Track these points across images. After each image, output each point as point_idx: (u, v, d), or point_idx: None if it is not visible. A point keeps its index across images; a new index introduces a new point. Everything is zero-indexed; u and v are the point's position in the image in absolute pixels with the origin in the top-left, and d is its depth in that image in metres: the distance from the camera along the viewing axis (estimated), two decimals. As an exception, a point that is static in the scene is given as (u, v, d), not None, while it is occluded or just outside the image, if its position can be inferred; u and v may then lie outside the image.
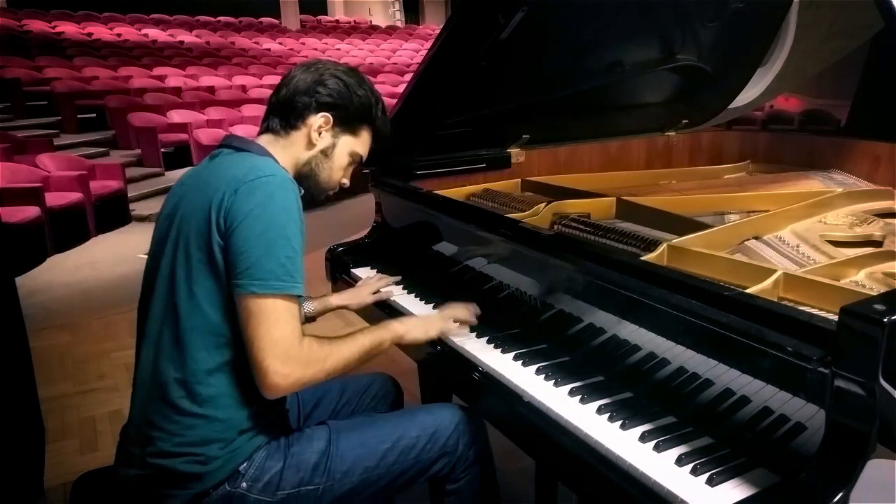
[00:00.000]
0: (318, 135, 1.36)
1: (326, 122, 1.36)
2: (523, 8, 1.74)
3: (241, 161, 1.26)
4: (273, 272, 1.14)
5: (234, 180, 1.19)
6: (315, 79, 1.35)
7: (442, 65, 1.84)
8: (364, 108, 1.39)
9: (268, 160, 1.28)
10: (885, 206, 1.93)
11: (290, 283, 1.16)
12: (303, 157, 1.37)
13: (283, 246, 1.16)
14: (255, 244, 1.14)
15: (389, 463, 1.32)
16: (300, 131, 1.35)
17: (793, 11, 2.37)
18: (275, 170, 1.23)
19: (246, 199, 1.16)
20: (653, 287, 1.18)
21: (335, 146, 1.39)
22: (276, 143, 1.35)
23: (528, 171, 2.31)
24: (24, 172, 5.55)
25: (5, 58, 9.21)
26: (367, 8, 19.97)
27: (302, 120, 1.35)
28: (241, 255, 1.14)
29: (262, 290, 1.13)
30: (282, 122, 1.36)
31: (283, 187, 1.20)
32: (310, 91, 1.34)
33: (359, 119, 1.40)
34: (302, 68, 1.39)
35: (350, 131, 1.40)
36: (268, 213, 1.16)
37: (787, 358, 0.97)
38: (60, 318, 3.96)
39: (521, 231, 1.53)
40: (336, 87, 1.35)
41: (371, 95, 1.40)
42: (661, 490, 0.99)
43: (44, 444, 2.30)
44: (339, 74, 1.36)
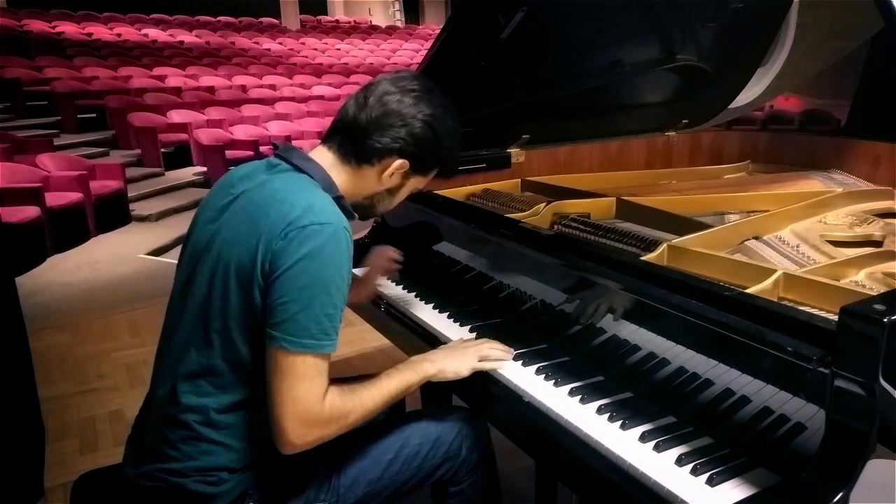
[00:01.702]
0: (389, 177, 1.28)
1: (401, 168, 1.26)
2: (523, 8, 1.74)
3: (298, 192, 1.16)
4: (308, 330, 1.09)
5: (287, 221, 1.11)
6: (406, 120, 1.23)
7: (442, 65, 1.84)
8: (444, 158, 1.32)
9: (325, 199, 1.18)
10: (885, 206, 1.93)
11: (324, 342, 1.10)
12: (367, 191, 1.30)
13: (324, 303, 1.10)
14: (296, 297, 1.08)
15: (393, 473, 1.31)
16: (372, 167, 1.26)
17: (793, 11, 2.37)
18: (330, 216, 1.14)
19: (295, 247, 1.09)
20: (653, 287, 1.18)
21: (402, 187, 1.33)
22: (340, 168, 1.26)
23: (528, 171, 2.31)
24: (24, 172, 5.55)
25: (5, 58, 9.21)
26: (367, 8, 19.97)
27: (377, 160, 1.25)
28: (279, 306, 1.09)
29: (293, 346, 1.08)
30: (354, 153, 1.26)
31: (335, 238, 1.12)
32: (394, 134, 1.23)
33: (437, 164, 1.33)
34: (396, 98, 1.24)
35: (422, 174, 1.33)
36: (314, 265, 1.10)
37: (787, 358, 0.97)
38: (60, 318, 3.96)
39: (521, 231, 1.53)
40: (425, 137, 1.24)
41: (456, 144, 1.31)
42: (661, 490, 0.99)
43: (44, 444, 2.30)
44: (433, 123, 1.25)
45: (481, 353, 1.38)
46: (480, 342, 1.43)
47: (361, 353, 3.19)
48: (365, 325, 1.78)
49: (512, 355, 1.40)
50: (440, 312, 1.66)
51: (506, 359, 1.39)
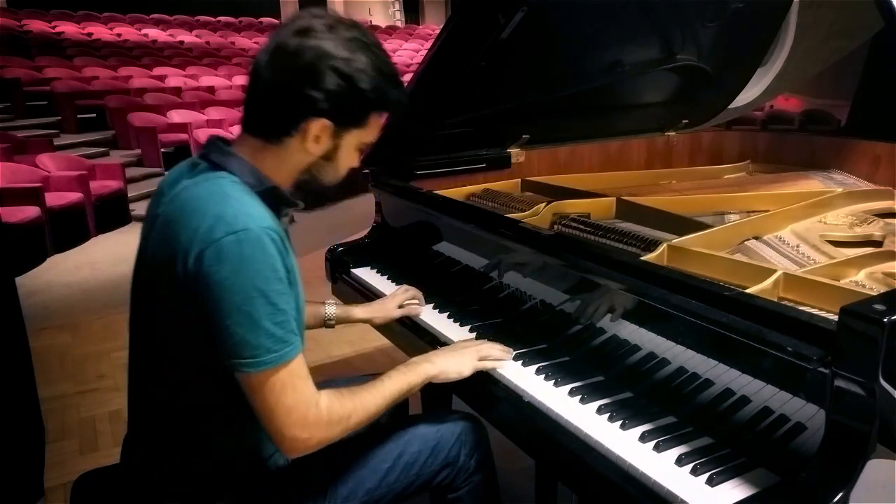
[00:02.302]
0: (316, 143, 1.12)
1: (324, 128, 1.11)
2: (523, 8, 1.74)
3: (209, 201, 1.05)
4: (262, 346, 1.01)
5: (199, 237, 1.01)
6: (306, 74, 1.06)
7: (442, 65, 1.84)
8: (372, 100, 1.12)
9: (238, 201, 1.05)
10: (885, 206, 1.93)
11: (285, 349, 1.04)
12: (299, 165, 1.16)
13: (268, 312, 1.01)
14: (236, 319, 1.00)
15: (391, 482, 1.29)
16: (293, 137, 1.11)
17: (793, 11, 2.38)
18: (245, 220, 1.02)
19: (215, 267, 1.00)
20: (653, 287, 1.18)
21: (339, 147, 1.15)
22: (264, 151, 1.13)
23: (528, 171, 2.31)
24: (24, 172, 5.55)
25: (5, 58, 9.20)
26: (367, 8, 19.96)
27: (293, 128, 1.10)
28: (224, 333, 1.01)
29: (256, 368, 1.02)
30: (268, 128, 1.12)
31: (257, 243, 1.01)
32: (299, 95, 1.07)
33: (366, 112, 1.14)
34: (291, 45, 1.06)
35: (355, 125, 1.14)
36: (242, 280, 1.00)
37: (787, 358, 0.97)
38: (60, 318, 3.96)
39: (521, 231, 1.53)
40: (336, 87, 1.07)
41: (381, 80, 1.10)
42: (661, 490, 0.99)
43: (44, 444, 2.30)
44: (339, 66, 1.06)
45: (482, 352, 1.37)
46: (480, 342, 1.42)
47: (361, 353, 3.19)
48: (365, 325, 1.77)
49: (512, 355, 1.40)
50: (440, 312, 1.66)
51: (506, 359, 1.39)
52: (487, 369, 1.36)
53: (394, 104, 1.17)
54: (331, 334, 1.58)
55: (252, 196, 1.09)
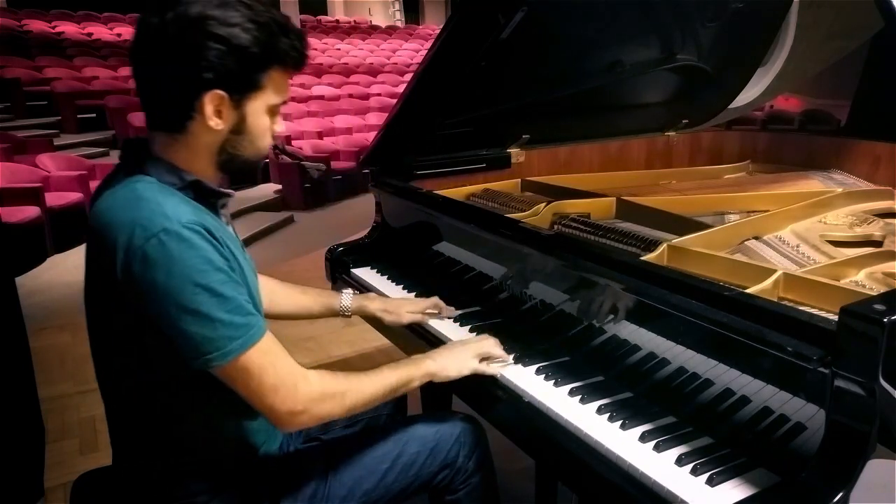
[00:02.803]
0: (218, 118, 1.05)
1: (220, 100, 1.04)
2: (523, 8, 1.74)
3: (127, 205, 1.02)
4: (224, 336, 1.00)
5: (120, 249, 0.98)
6: (181, 48, 0.99)
7: (442, 65, 1.84)
8: (259, 56, 1.04)
9: (150, 202, 1.01)
10: (885, 206, 1.93)
11: (249, 332, 1.02)
12: (213, 146, 1.09)
13: (217, 303, 0.99)
14: (188, 320, 0.98)
15: (389, 483, 1.28)
16: (195, 120, 1.05)
17: (793, 11, 2.38)
18: (162, 220, 0.98)
19: (145, 275, 0.97)
20: (653, 287, 1.18)
21: (244, 117, 1.08)
22: (174, 143, 1.08)
23: (528, 171, 2.31)
24: (24, 172, 5.55)
25: (5, 58, 9.20)
26: (367, 8, 19.97)
27: (190, 109, 1.04)
28: (181, 337, 0.99)
29: (226, 358, 1.00)
30: (166, 118, 1.07)
31: (179, 240, 0.98)
32: (180, 73, 1.01)
33: (259, 70, 1.06)
34: (155, 25, 1.00)
35: (254, 89, 1.07)
36: (178, 281, 0.97)
37: (787, 358, 0.97)
38: (60, 318, 3.96)
39: (521, 231, 1.53)
40: (213, 51, 0.99)
41: (263, 32, 1.03)
42: (660, 490, 0.99)
43: (44, 444, 2.30)
44: (210, 28, 0.99)
45: (482, 349, 1.37)
46: (482, 338, 1.42)
47: (361, 353, 3.19)
48: (365, 325, 1.77)
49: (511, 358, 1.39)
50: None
51: (507, 360, 1.38)
52: (487, 374, 1.36)
53: (287, 55, 1.08)
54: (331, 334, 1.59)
55: (171, 194, 1.05)
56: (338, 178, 7.45)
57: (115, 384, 1.16)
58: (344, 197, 7.52)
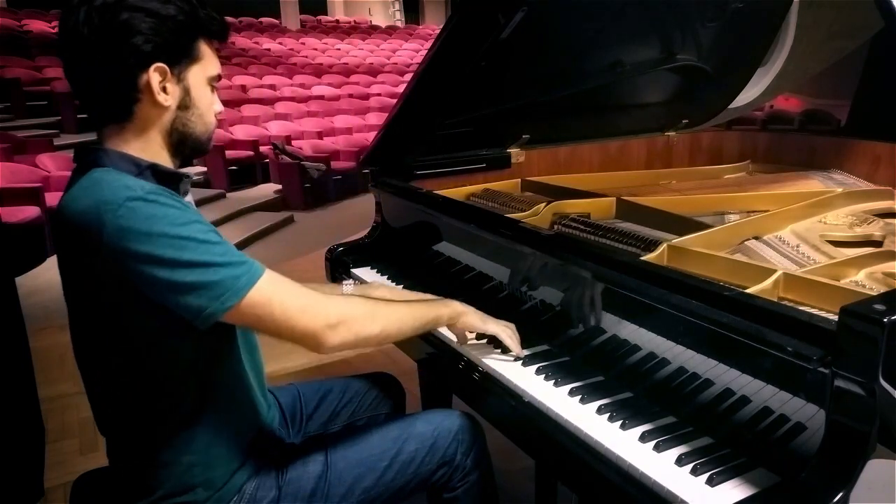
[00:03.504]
0: (164, 93, 1.07)
1: (163, 73, 1.05)
2: (523, 8, 1.74)
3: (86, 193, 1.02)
4: (227, 275, 0.98)
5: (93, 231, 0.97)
6: (112, 30, 1.00)
7: (442, 65, 1.84)
8: (186, 25, 1.07)
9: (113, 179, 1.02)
10: (885, 206, 1.93)
11: (252, 267, 1.01)
12: (163, 126, 1.10)
13: (206, 249, 0.98)
14: (182, 273, 0.96)
15: (388, 480, 1.29)
16: (141, 102, 1.06)
17: (793, 11, 2.38)
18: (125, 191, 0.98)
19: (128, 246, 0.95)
20: (653, 287, 1.18)
21: (189, 90, 1.10)
22: (126, 133, 1.08)
23: (528, 171, 2.31)
24: (24, 172, 5.55)
25: (5, 58, 9.21)
26: (367, 8, 19.97)
27: (134, 90, 1.05)
28: (180, 293, 0.97)
29: (238, 295, 0.99)
30: (113, 108, 1.07)
31: (148, 203, 0.98)
32: (118, 54, 1.01)
33: (188, 40, 1.08)
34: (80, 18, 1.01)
35: (189, 60, 1.09)
36: (160, 242, 0.96)
37: (787, 358, 0.97)
38: (60, 318, 3.93)
39: (521, 231, 1.53)
40: (144, 25, 1.01)
41: (182, 1, 1.07)
42: (660, 490, 0.99)
43: (44, 444, 2.30)
44: (134, 4, 1.01)
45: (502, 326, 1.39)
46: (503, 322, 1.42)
47: (361, 353, 3.19)
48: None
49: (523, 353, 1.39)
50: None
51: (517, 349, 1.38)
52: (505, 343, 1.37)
53: (210, 23, 1.11)
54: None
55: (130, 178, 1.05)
56: (338, 178, 7.46)
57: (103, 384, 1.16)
58: (344, 197, 7.53)
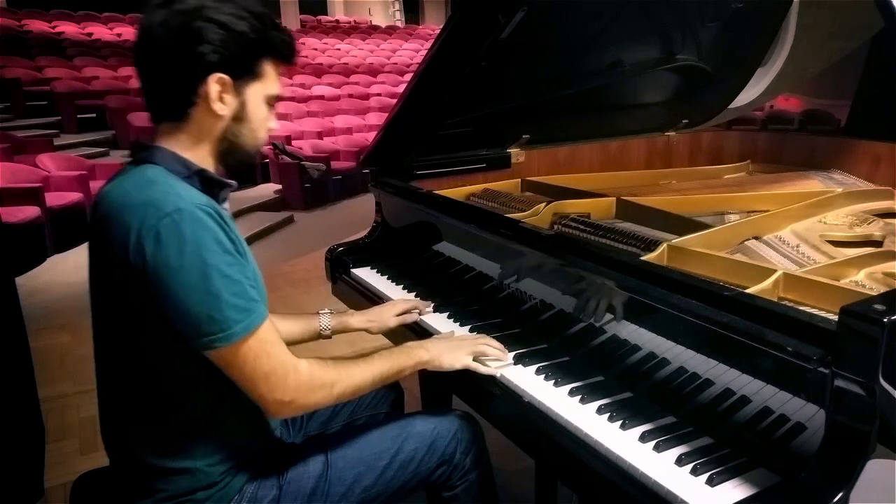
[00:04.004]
0: (221, 102, 1.10)
1: (223, 84, 1.09)
2: (523, 8, 1.74)
3: (135, 190, 1.05)
4: (228, 318, 1.01)
5: (134, 229, 1.00)
6: (184, 35, 1.05)
7: (442, 65, 1.84)
8: (256, 43, 1.11)
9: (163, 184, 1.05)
10: (885, 206, 1.93)
11: (251, 318, 1.04)
12: (215, 134, 1.14)
13: (225, 285, 1.01)
14: (195, 299, 1.00)
15: (388, 479, 1.29)
16: (198, 106, 1.10)
17: (793, 11, 2.38)
18: (174, 201, 1.02)
19: (158, 253, 0.99)
20: (653, 287, 1.18)
21: (245, 104, 1.14)
22: (178, 133, 1.12)
23: (528, 171, 2.31)
24: (24, 172, 5.55)
25: (5, 58, 9.20)
26: (367, 8, 19.97)
27: (194, 94, 1.09)
28: (185, 315, 1.00)
29: (226, 341, 1.02)
30: (171, 107, 1.11)
31: (193, 220, 1.01)
32: (186, 57, 1.06)
33: (255, 57, 1.13)
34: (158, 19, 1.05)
35: (252, 76, 1.13)
36: (189, 259, 0.99)
37: (787, 358, 0.97)
38: (60, 318, 3.96)
39: (521, 231, 1.53)
40: (215, 35, 1.05)
41: (257, 21, 1.11)
42: (660, 490, 0.99)
43: (44, 444, 2.30)
44: (210, 15, 1.06)
45: (477, 349, 1.37)
46: (478, 338, 1.42)
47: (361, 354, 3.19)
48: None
49: (509, 357, 1.39)
50: (440, 312, 1.66)
51: (503, 359, 1.38)
52: (480, 372, 1.35)
53: (279, 45, 1.16)
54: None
55: (180, 181, 1.08)
56: (338, 178, 7.46)
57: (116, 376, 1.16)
58: (344, 197, 7.52)
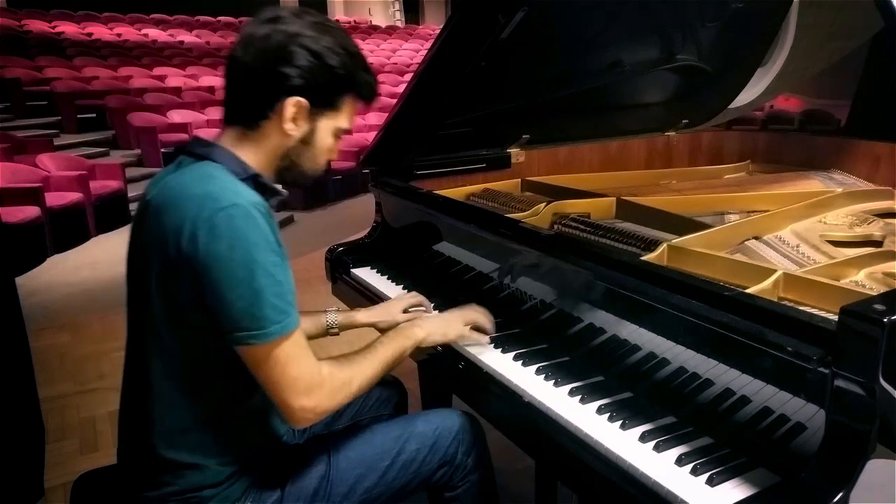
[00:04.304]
0: (293, 123, 1.15)
1: (300, 107, 1.13)
2: (523, 8, 1.74)
3: (194, 183, 1.08)
4: (267, 317, 1.03)
5: (189, 218, 1.03)
6: (278, 54, 1.10)
7: (442, 65, 1.84)
8: (342, 78, 1.16)
9: (223, 180, 1.09)
10: (885, 206, 1.93)
11: (287, 321, 1.06)
12: (278, 150, 1.18)
13: (268, 284, 1.03)
14: (239, 293, 1.02)
15: (389, 480, 1.30)
16: (271, 121, 1.14)
17: (793, 11, 2.38)
18: (232, 196, 1.05)
19: (211, 244, 1.01)
20: (653, 287, 1.18)
21: (315, 131, 1.18)
22: (244, 139, 1.16)
23: (528, 171, 2.31)
24: (24, 172, 5.55)
25: (5, 58, 9.20)
26: (367, 8, 19.97)
27: (270, 109, 1.13)
28: (227, 308, 1.02)
29: (261, 339, 1.04)
30: (246, 114, 1.15)
31: (247, 217, 1.03)
32: (273, 74, 1.10)
33: (338, 91, 1.17)
34: (261, 33, 1.11)
35: (330, 107, 1.18)
36: (239, 254, 1.02)
37: (787, 358, 0.97)
38: (60, 318, 3.96)
39: (521, 231, 1.53)
40: (306, 62, 1.10)
41: (349, 59, 1.15)
42: (660, 490, 0.99)
43: (44, 444, 2.30)
44: (308, 44, 1.11)
45: (467, 317, 1.45)
46: (471, 307, 1.49)
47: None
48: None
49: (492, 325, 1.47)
50: (440, 313, 1.66)
51: (489, 329, 1.47)
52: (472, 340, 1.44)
53: (364, 86, 1.20)
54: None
55: (237, 181, 1.11)
56: (338, 178, 7.45)
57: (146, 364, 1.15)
58: (344, 197, 7.52)
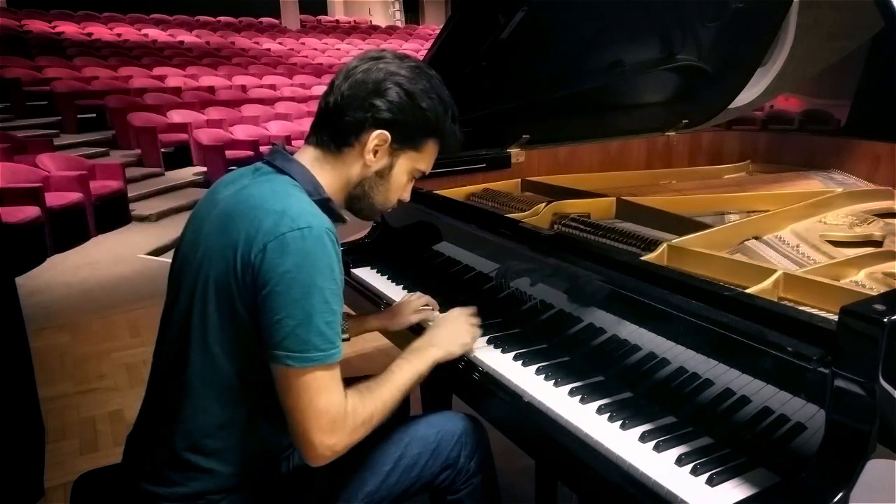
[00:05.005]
0: (374, 155, 1.20)
1: (383, 141, 1.19)
2: (523, 8, 1.75)
3: (274, 197, 1.10)
4: (311, 343, 1.04)
5: (264, 231, 1.05)
6: (373, 87, 1.16)
7: (442, 65, 1.83)
8: (429, 122, 1.21)
9: (302, 201, 1.11)
10: (885, 206, 1.93)
11: (330, 351, 1.06)
12: (354, 178, 1.22)
13: (322, 311, 1.04)
14: (292, 312, 1.03)
15: (391, 484, 1.29)
16: (353, 149, 1.19)
17: (793, 11, 2.38)
18: (309, 218, 1.07)
19: (278, 259, 1.03)
20: (653, 287, 1.18)
21: (392, 167, 1.23)
22: (323, 161, 1.21)
23: (528, 171, 2.31)
24: (24, 172, 5.55)
25: (5, 58, 9.20)
26: (367, 8, 19.98)
27: (355, 137, 1.18)
28: (276, 324, 1.03)
29: (301, 363, 1.04)
30: (332, 138, 1.19)
31: (318, 241, 1.05)
32: (365, 104, 1.16)
33: (423, 134, 1.23)
34: (362, 67, 1.18)
35: (412, 147, 1.23)
36: (304, 275, 1.03)
37: (787, 358, 0.97)
38: (60, 318, 3.96)
39: (521, 231, 1.53)
40: (397, 99, 1.16)
41: (439, 105, 1.21)
42: (660, 490, 0.99)
43: (44, 444, 2.30)
44: (402, 83, 1.17)
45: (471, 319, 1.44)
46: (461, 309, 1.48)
47: (361, 354, 3.19)
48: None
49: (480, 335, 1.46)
50: (440, 313, 1.66)
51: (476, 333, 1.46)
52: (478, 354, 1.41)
53: (450, 135, 1.26)
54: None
55: (318, 208, 1.13)
56: (338, 178, 7.45)
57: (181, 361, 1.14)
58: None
